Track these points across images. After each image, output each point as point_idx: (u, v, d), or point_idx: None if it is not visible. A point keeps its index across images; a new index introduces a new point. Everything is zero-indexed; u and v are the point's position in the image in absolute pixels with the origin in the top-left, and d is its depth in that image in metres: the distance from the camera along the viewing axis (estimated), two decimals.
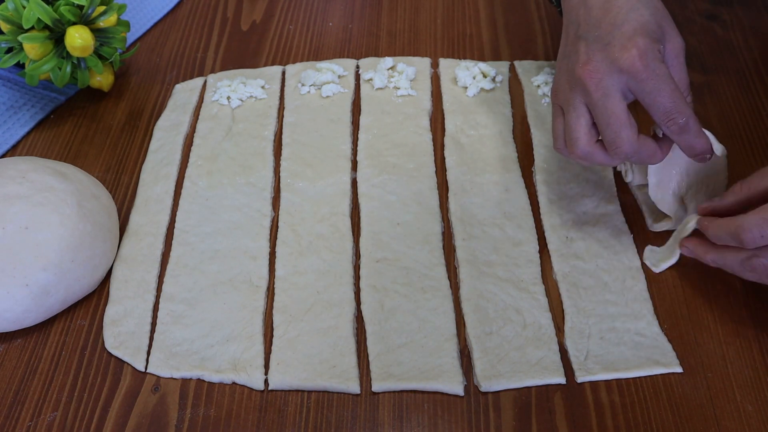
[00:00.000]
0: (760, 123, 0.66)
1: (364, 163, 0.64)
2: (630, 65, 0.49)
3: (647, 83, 0.49)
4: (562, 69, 0.54)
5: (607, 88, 0.50)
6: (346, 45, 0.77)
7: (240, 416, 0.50)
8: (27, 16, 0.62)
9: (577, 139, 0.52)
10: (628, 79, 0.49)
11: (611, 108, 0.50)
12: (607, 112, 0.50)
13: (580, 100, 0.51)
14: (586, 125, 0.52)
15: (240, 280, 0.56)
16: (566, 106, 0.53)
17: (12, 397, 0.51)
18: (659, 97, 0.49)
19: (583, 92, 0.51)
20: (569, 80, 0.52)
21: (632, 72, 0.49)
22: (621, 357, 0.51)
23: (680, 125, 0.49)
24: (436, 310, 0.54)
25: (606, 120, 0.50)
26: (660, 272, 0.56)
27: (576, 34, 0.54)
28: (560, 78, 0.54)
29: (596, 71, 0.50)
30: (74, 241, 0.54)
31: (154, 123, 0.69)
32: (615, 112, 0.50)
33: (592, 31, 0.52)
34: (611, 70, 0.50)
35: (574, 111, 0.52)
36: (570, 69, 0.52)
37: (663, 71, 0.49)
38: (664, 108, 0.49)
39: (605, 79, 0.50)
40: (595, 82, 0.50)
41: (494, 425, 0.48)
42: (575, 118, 0.52)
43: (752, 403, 0.49)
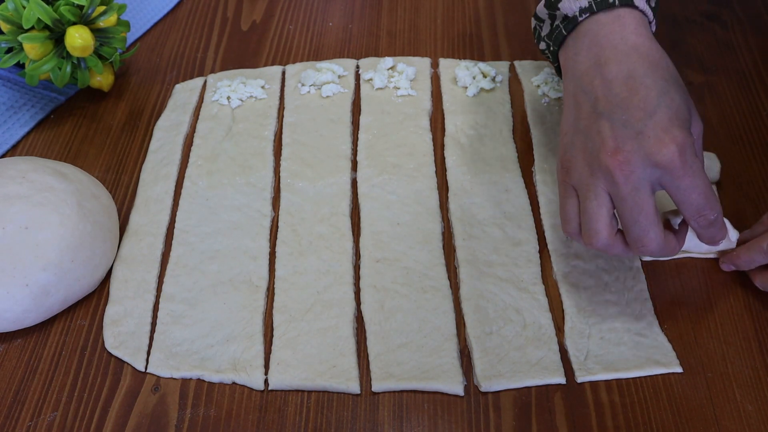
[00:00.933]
0: (760, 123, 0.66)
1: (364, 163, 0.64)
2: (668, 162, 0.45)
3: (683, 180, 0.46)
4: (575, 146, 0.50)
5: (639, 182, 0.46)
6: (346, 45, 0.77)
7: (240, 416, 0.50)
8: (27, 16, 0.62)
9: (598, 231, 0.48)
10: (662, 174, 0.46)
11: (642, 204, 0.46)
12: (636, 209, 0.46)
13: (603, 188, 0.47)
14: (608, 216, 0.48)
15: (240, 280, 0.56)
16: (585, 192, 0.48)
17: (12, 397, 0.51)
18: (694, 194, 0.46)
19: (608, 182, 0.47)
20: (590, 164, 0.48)
21: (670, 169, 0.45)
22: (621, 357, 0.51)
23: (710, 221, 0.48)
24: (436, 310, 0.54)
25: (635, 217, 0.47)
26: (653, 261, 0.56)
27: (594, 109, 0.49)
28: (575, 156, 0.49)
29: (627, 163, 0.46)
30: (74, 241, 0.54)
31: (154, 123, 0.69)
32: (645, 209, 0.46)
33: (617, 112, 0.48)
34: (645, 164, 0.46)
35: (595, 199, 0.48)
36: (591, 151, 0.48)
37: (698, 167, 0.46)
38: (698, 205, 0.47)
39: (637, 173, 0.46)
40: (625, 175, 0.46)
41: (494, 425, 0.48)
42: (596, 207, 0.48)
43: (752, 403, 0.49)
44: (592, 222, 0.48)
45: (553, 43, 0.56)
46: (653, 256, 0.50)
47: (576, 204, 0.50)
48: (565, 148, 0.51)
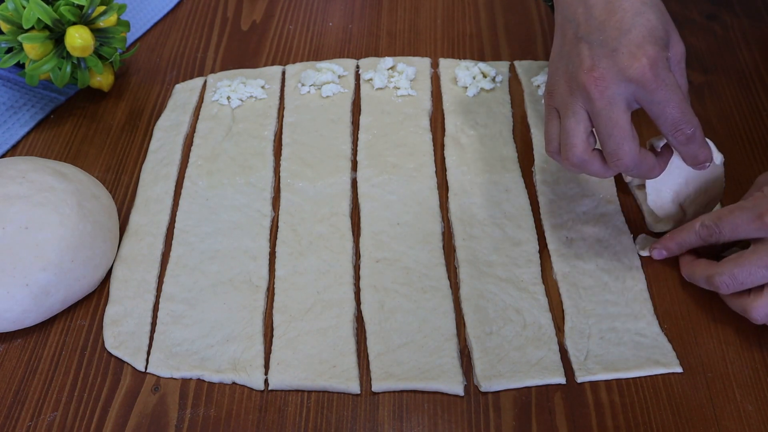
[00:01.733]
0: (760, 123, 0.66)
1: (364, 163, 0.64)
2: (640, 75, 0.47)
3: (656, 93, 0.47)
4: (559, 70, 0.52)
5: (613, 97, 0.48)
6: (346, 45, 0.77)
7: (240, 416, 0.50)
8: (27, 16, 0.62)
9: (573, 145, 0.50)
10: (636, 89, 0.47)
11: (615, 118, 0.48)
12: (611, 123, 0.48)
13: (581, 106, 0.49)
14: (584, 132, 0.50)
15: (240, 280, 0.56)
16: (564, 110, 0.51)
17: (12, 397, 0.51)
18: (668, 108, 0.48)
19: (585, 99, 0.49)
20: (569, 84, 0.50)
21: (642, 82, 0.47)
22: (621, 357, 0.51)
23: (687, 135, 0.48)
24: (436, 310, 0.54)
25: (609, 130, 0.48)
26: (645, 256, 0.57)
27: (576, 34, 0.51)
28: (557, 79, 0.52)
29: (602, 79, 0.48)
30: (74, 241, 0.54)
31: (154, 123, 0.69)
32: (619, 123, 0.48)
33: (595, 33, 0.50)
34: (618, 79, 0.48)
35: (573, 116, 0.50)
36: (571, 72, 0.50)
37: (672, 81, 0.47)
38: (673, 119, 0.48)
39: (611, 88, 0.48)
40: (600, 90, 0.48)
41: (494, 425, 0.48)
42: (574, 123, 0.50)
43: (752, 403, 0.49)
44: (569, 137, 0.50)
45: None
46: (631, 173, 0.51)
47: (558, 124, 0.52)
48: (550, 74, 0.53)
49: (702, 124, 0.51)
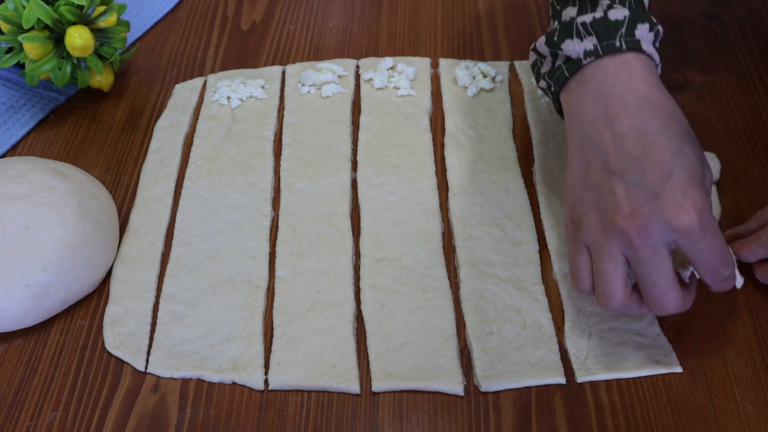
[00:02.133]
0: (760, 123, 0.66)
1: (364, 163, 0.64)
2: (688, 227, 0.44)
3: (701, 243, 0.44)
4: (586, 202, 0.48)
5: (657, 245, 0.45)
6: (346, 45, 0.77)
7: (240, 416, 0.50)
8: (27, 16, 0.62)
9: (614, 293, 0.46)
10: (679, 237, 0.44)
11: (661, 267, 0.45)
12: (656, 272, 0.45)
13: (619, 250, 0.46)
14: (623, 277, 0.46)
15: (240, 280, 0.56)
16: (599, 252, 0.47)
17: (12, 397, 0.51)
18: (710, 255, 0.45)
19: (625, 245, 0.45)
20: (603, 225, 0.46)
21: (689, 233, 0.44)
22: (621, 357, 0.51)
23: (724, 277, 0.46)
24: (436, 310, 0.54)
25: (654, 279, 0.45)
26: None
27: (605, 166, 0.47)
28: (585, 213, 0.48)
29: (645, 227, 0.44)
30: (74, 241, 0.54)
31: (154, 123, 0.69)
32: (665, 272, 0.45)
33: (631, 172, 0.46)
34: (663, 227, 0.44)
35: (611, 260, 0.46)
36: (605, 212, 0.46)
37: (715, 228, 0.45)
38: (714, 264, 0.45)
39: (655, 236, 0.44)
40: (643, 239, 0.44)
41: (494, 425, 0.48)
42: (612, 269, 0.46)
43: (752, 403, 0.49)
44: (608, 284, 0.46)
45: (555, 84, 0.53)
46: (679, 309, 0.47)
47: (588, 261, 0.48)
48: (574, 203, 0.49)
49: (702, 124, 0.51)
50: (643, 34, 0.50)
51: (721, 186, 0.61)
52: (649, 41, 0.50)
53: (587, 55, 0.50)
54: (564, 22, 0.53)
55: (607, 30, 0.50)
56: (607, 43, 0.50)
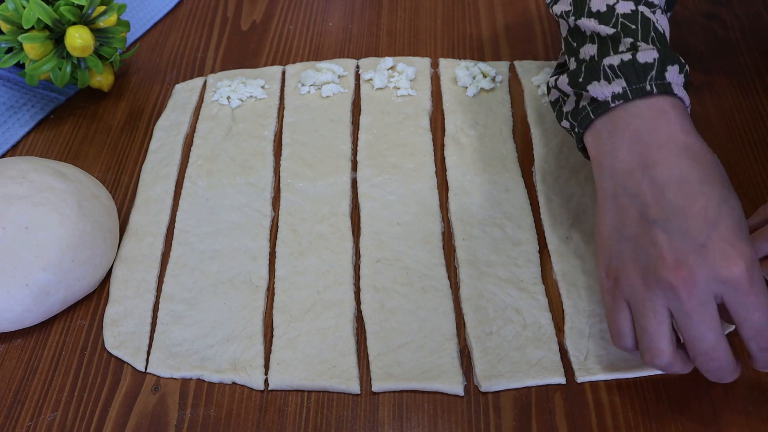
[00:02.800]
0: (760, 123, 0.66)
1: (364, 163, 0.64)
2: (737, 279, 0.42)
3: (749, 297, 0.42)
4: (625, 255, 0.46)
5: (705, 298, 0.43)
6: (346, 45, 0.77)
7: (240, 416, 0.50)
8: (27, 16, 0.62)
9: (662, 351, 0.44)
10: (727, 289, 0.43)
11: (709, 320, 0.43)
12: (704, 325, 0.43)
13: (663, 305, 0.44)
14: (669, 333, 0.44)
15: (240, 280, 0.56)
16: (641, 307, 0.45)
17: (12, 397, 0.51)
18: (756, 312, 0.43)
19: (669, 298, 0.43)
20: (644, 277, 0.44)
21: (737, 286, 0.42)
22: (621, 357, 0.51)
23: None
24: (436, 310, 0.54)
25: (702, 334, 0.43)
26: None
27: (644, 216, 0.45)
28: (624, 267, 0.46)
29: (692, 279, 0.42)
30: (74, 241, 0.54)
31: (154, 123, 0.69)
32: (713, 326, 0.43)
33: (674, 222, 0.44)
34: (710, 279, 0.42)
35: (655, 316, 0.44)
36: (646, 265, 0.44)
37: (763, 285, 0.43)
38: (759, 324, 0.43)
39: (702, 288, 0.42)
40: (689, 292, 0.43)
41: (494, 425, 0.48)
42: (656, 325, 0.44)
43: (752, 403, 0.49)
44: (655, 341, 0.44)
45: (579, 126, 0.51)
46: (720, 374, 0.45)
47: (629, 318, 0.46)
48: (610, 256, 0.47)
49: (702, 124, 0.51)
50: (674, 76, 0.48)
51: None
52: (680, 83, 0.49)
53: (615, 98, 0.49)
54: (586, 62, 0.51)
55: (637, 73, 0.48)
56: (637, 86, 0.48)
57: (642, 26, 0.51)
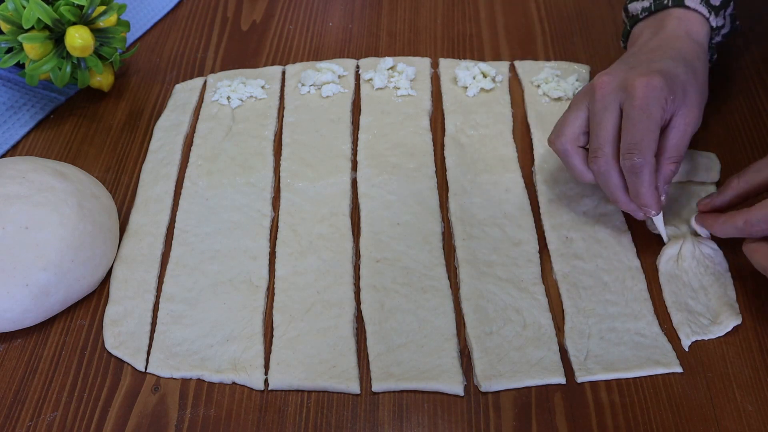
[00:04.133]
0: (760, 123, 0.66)
1: (364, 163, 0.64)
2: (633, 87, 0.51)
3: (635, 110, 0.51)
4: None
5: (609, 101, 0.52)
6: (346, 45, 0.77)
7: (240, 416, 0.50)
8: (27, 16, 0.62)
9: (563, 133, 0.54)
10: (625, 99, 0.51)
11: (606, 121, 0.52)
12: (600, 123, 0.52)
13: (585, 104, 0.54)
14: (577, 125, 0.54)
15: (240, 280, 0.56)
16: (571, 105, 0.55)
17: (12, 397, 0.51)
18: (633, 128, 0.51)
19: (589, 98, 0.54)
20: (586, 86, 0.55)
21: (632, 94, 0.51)
22: (621, 357, 0.51)
23: (635, 164, 0.50)
24: (436, 310, 0.54)
25: (596, 130, 0.52)
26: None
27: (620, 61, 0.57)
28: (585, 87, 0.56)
29: (608, 83, 0.53)
30: (74, 241, 0.54)
31: (154, 123, 0.69)
32: (606, 126, 0.52)
33: (629, 59, 0.56)
34: (618, 87, 0.52)
35: (575, 110, 0.54)
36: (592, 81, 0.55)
37: (656, 114, 0.51)
38: (632, 139, 0.50)
39: (611, 94, 0.52)
40: (602, 93, 0.53)
41: (494, 425, 0.48)
42: (572, 113, 0.54)
43: (752, 403, 0.49)
44: (563, 125, 0.55)
45: (623, 40, 0.66)
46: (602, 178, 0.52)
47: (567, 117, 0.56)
48: None
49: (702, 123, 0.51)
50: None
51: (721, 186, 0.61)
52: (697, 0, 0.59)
53: (643, 11, 0.62)
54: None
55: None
56: (659, 1, 0.61)
57: None
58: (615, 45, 0.75)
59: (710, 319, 0.52)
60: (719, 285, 0.54)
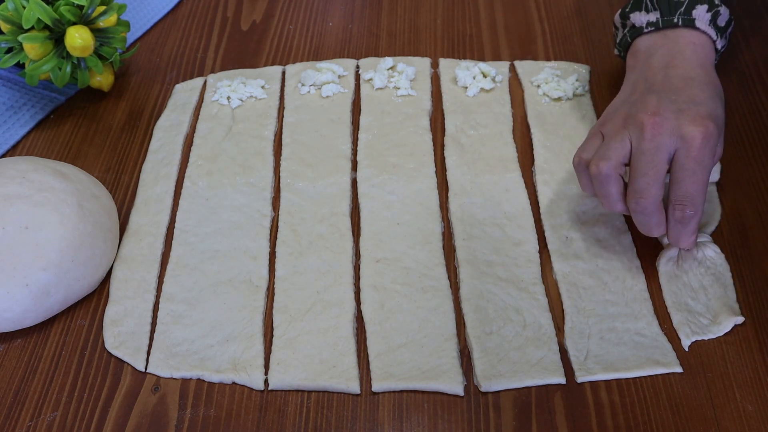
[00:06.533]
0: (760, 123, 0.66)
1: (364, 163, 0.64)
2: (692, 138, 0.50)
3: (691, 162, 0.50)
4: (619, 111, 0.54)
5: (662, 144, 0.50)
6: (346, 45, 0.77)
7: (240, 416, 0.50)
8: (27, 16, 0.62)
9: (608, 158, 0.52)
10: (681, 147, 0.50)
11: (657, 162, 0.50)
12: (651, 164, 0.50)
13: (629, 139, 0.52)
14: (623, 155, 0.52)
15: (240, 280, 0.56)
16: (612, 135, 0.52)
17: (12, 397, 0.51)
18: (689, 180, 0.50)
19: (636, 134, 0.51)
20: (625, 120, 0.53)
21: (690, 144, 0.50)
22: (621, 357, 0.51)
23: (685, 216, 0.50)
24: (436, 310, 0.54)
25: (645, 170, 0.50)
26: None
27: (648, 89, 0.54)
28: (614, 116, 0.54)
29: (660, 125, 0.51)
30: (74, 241, 0.54)
31: (154, 123, 0.69)
32: (657, 167, 0.50)
33: (668, 94, 0.53)
34: (673, 131, 0.50)
35: (620, 141, 0.52)
36: (632, 112, 0.53)
37: (708, 163, 0.50)
38: (686, 192, 0.50)
39: (664, 135, 0.50)
40: (653, 132, 0.50)
41: (494, 425, 0.48)
42: (618, 145, 0.52)
43: (752, 403, 0.49)
44: (607, 151, 0.52)
45: (621, 50, 0.63)
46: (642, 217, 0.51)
47: (598, 143, 0.54)
48: (607, 115, 0.55)
49: None
50: (700, 14, 0.58)
51: (721, 186, 0.61)
52: (706, 21, 0.58)
53: (649, 25, 0.59)
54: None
55: (669, 7, 0.58)
56: (668, 18, 0.58)
57: None
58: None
59: (710, 319, 0.52)
60: (719, 285, 0.54)
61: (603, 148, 0.52)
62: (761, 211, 0.59)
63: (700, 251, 0.55)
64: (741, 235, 0.58)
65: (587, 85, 0.70)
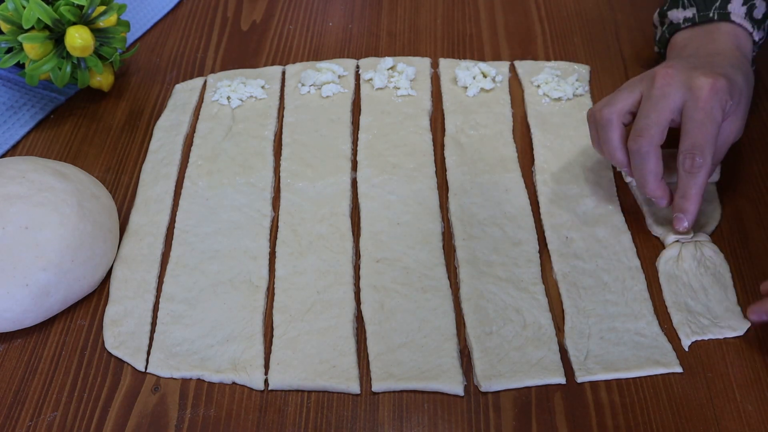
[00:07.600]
0: (760, 123, 0.66)
1: (364, 163, 0.64)
2: (699, 88, 0.51)
3: (699, 113, 0.51)
4: (642, 75, 0.56)
5: (669, 93, 0.52)
6: (346, 45, 0.77)
7: (240, 416, 0.50)
8: (27, 16, 0.62)
9: (612, 103, 0.54)
10: (688, 98, 0.52)
11: (660, 107, 0.52)
12: (654, 107, 0.52)
13: (639, 89, 0.54)
14: (629, 103, 0.54)
15: (240, 280, 0.56)
16: (624, 87, 0.56)
17: (12, 397, 0.51)
18: (697, 130, 0.51)
19: (648, 84, 0.54)
20: (643, 76, 0.55)
21: (697, 95, 0.51)
22: (621, 357, 0.51)
23: (695, 164, 0.52)
24: (436, 310, 0.54)
25: (647, 112, 0.52)
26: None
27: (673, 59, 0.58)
28: (637, 78, 0.56)
29: (670, 76, 0.53)
30: (74, 241, 0.54)
31: (154, 123, 0.69)
32: (660, 111, 0.52)
33: (690, 60, 0.57)
34: (682, 83, 0.52)
35: (629, 90, 0.55)
36: (649, 72, 0.55)
37: (718, 116, 0.52)
38: (695, 141, 0.51)
39: (673, 86, 0.52)
40: (662, 83, 0.53)
41: (494, 425, 0.48)
42: (627, 92, 0.55)
43: (752, 403, 0.49)
44: (614, 98, 0.55)
45: (660, 46, 0.66)
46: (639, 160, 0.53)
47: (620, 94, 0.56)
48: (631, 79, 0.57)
49: None
50: (735, 8, 0.60)
51: (721, 186, 0.61)
52: (741, 14, 0.60)
53: (686, 21, 0.62)
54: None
55: (705, 2, 0.61)
56: (704, 13, 0.61)
57: None
58: (615, 45, 0.75)
59: (710, 319, 0.52)
60: (719, 286, 0.54)
61: (611, 96, 0.55)
62: (761, 211, 0.59)
63: (700, 251, 0.55)
64: (741, 235, 0.58)
65: (587, 85, 0.70)
